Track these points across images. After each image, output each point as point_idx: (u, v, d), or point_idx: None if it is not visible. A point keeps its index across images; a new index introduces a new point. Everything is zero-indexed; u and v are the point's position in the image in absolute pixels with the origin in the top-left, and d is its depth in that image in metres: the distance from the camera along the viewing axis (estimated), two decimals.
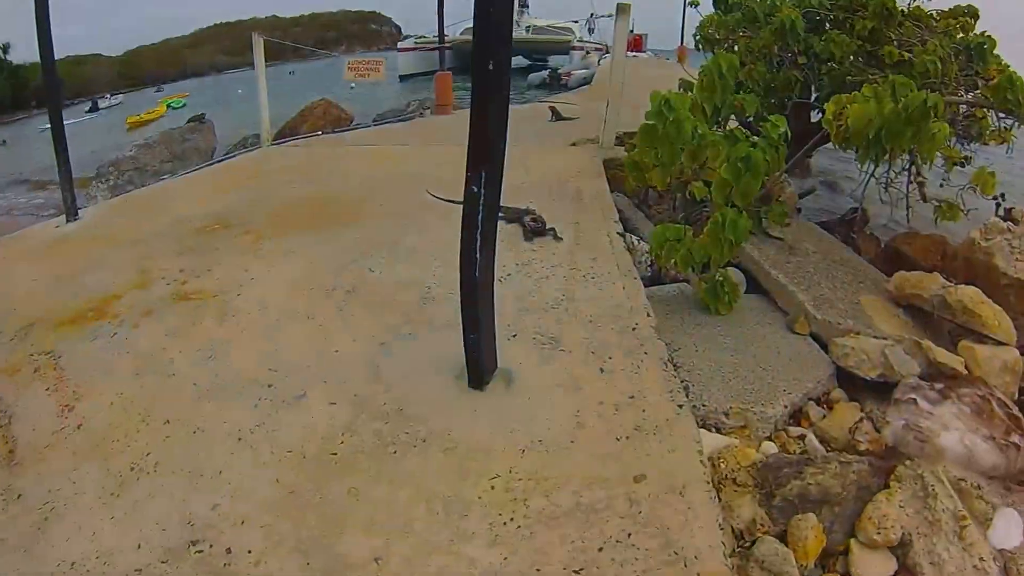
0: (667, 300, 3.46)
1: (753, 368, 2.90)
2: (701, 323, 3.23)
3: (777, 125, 3.65)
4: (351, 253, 3.81)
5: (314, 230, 4.26)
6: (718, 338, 3.11)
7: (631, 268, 3.39)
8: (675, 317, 3.29)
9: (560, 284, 3.23)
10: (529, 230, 3.74)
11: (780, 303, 3.42)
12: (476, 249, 2.17)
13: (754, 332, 3.20)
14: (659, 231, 3.24)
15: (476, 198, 2.10)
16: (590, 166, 5.09)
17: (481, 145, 2.07)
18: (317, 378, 2.67)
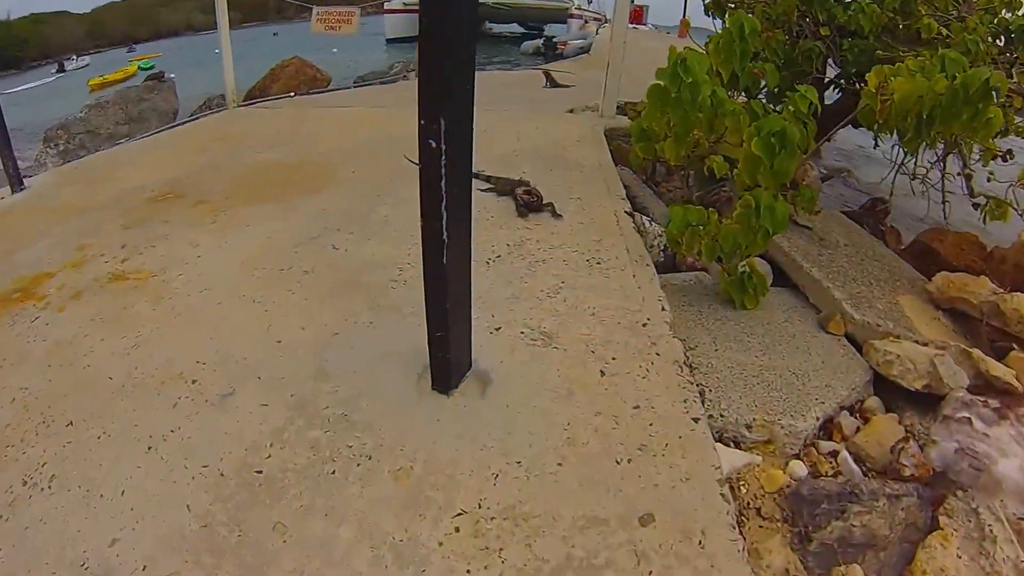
0: (683, 290, 3.10)
1: (781, 372, 2.57)
2: (722, 318, 2.88)
3: (806, 97, 3.30)
4: (315, 227, 3.43)
5: (276, 201, 3.88)
6: (741, 336, 2.77)
7: (643, 252, 3.02)
8: (692, 310, 2.93)
9: (558, 269, 2.85)
10: (522, 205, 3.35)
11: (812, 299, 3.09)
12: (443, 227, 1.78)
13: (782, 330, 2.86)
14: (678, 213, 2.85)
15: (436, 156, 1.69)
16: (590, 135, 4.68)
17: (436, 80, 1.63)
18: (251, 373, 2.31)
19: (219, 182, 4.33)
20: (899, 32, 4.44)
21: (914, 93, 2.97)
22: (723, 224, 2.83)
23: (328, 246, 3.20)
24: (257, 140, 5.43)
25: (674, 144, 3.40)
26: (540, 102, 6.24)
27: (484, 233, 3.14)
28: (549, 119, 5.12)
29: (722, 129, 3.47)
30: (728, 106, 3.37)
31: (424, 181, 1.73)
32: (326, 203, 3.75)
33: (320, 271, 2.97)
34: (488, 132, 4.79)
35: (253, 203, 3.88)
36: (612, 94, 5.05)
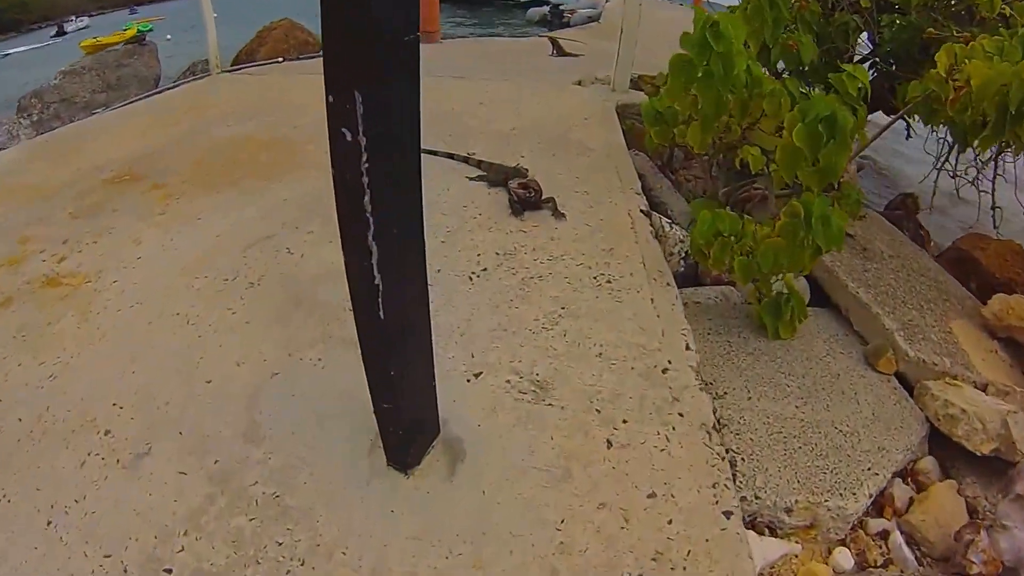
0: (707, 311, 2.56)
1: (826, 430, 2.08)
2: (755, 352, 2.37)
3: (855, 77, 2.70)
4: (272, 223, 2.89)
5: (236, 187, 3.33)
6: (778, 377, 2.25)
7: (662, 266, 2.46)
8: (719, 340, 2.40)
9: (558, 289, 2.30)
10: (517, 201, 2.78)
11: (857, 325, 2.59)
12: (373, 267, 1.24)
13: (823, 368, 2.35)
14: (705, 219, 2.29)
15: (354, 155, 1.13)
16: (600, 112, 4.07)
17: (352, 35, 1.06)
18: (172, 424, 1.84)
19: (181, 161, 3.80)
20: (944, 9, 3.81)
21: (996, 80, 2.39)
22: (761, 235, 2.26)
23: (283, 249, 2.66)
24: (232, 111, 4.88)
25: (699, 129, 2.81)
26: (545, 72, 5.60)
27: (468, 237, 2.59)
28: (554, 92, 4.51)
29: (758, 113, 2.88)
30: (767, 85, 2.78)
31: (340, 197, 1.18)
32: (289, 190, 3.20)
33: (269, 283, 2.43)
34: (484, 105, 4.20)
35: (211, 189, 3.35)
36: (625, 65, 4.42)
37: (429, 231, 2.43)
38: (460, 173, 3.16)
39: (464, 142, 3.55)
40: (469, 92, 4.45)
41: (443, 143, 3.54)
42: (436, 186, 3.00)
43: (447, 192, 2.96)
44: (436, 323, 2.10)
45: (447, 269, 2.37)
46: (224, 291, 2.41)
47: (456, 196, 2.92)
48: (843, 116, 2.30)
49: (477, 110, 4.07)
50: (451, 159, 3.32)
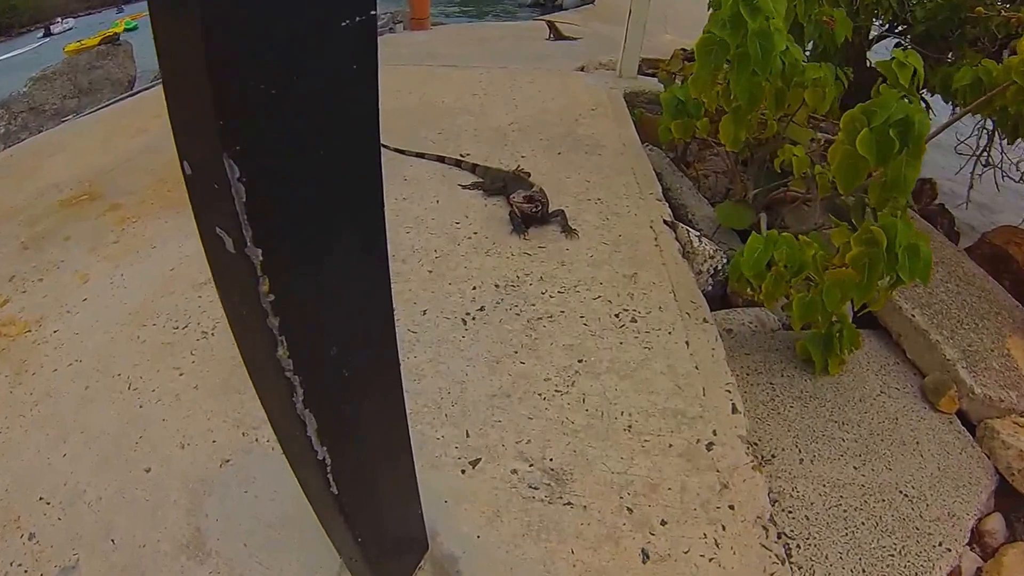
0: (743, 341, 2.14)
1: (890, 496, 1.74)
2: (803, 395, 1.98)
3: (906, 64, 2.27)
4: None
5: None
6: (831, 428, 1.90)
7: (696, 297, 2.02)
8: (761, 382, 2.00)
9: (573, 334, 1.86)
10: (519, 216, 2.34)
11: (911, 353, 2.22)
12: (310, 442, 0.79)
13: (880, 410, 1.99)
14: (755, 247, 1.84)
15: (242, 271, 0.64)
16: (608, 102, 3.61)
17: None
18: (103, 531, 1.46)
19: (143, 176, 3.37)
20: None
21: None
22: (820, 261, 1.82)
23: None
24: None
25: (732, 124, 2.37)
26: (543, 57, 5.11)
27: (461, 264, 2.16)
28: (555, 80, 4.03)
29: (796, 103, 2.44)
30: (810, 72, 2.34)
31: (238, 339, 0.74)
32: None
33: (223, 333, 2.01)
34: (478, 97, 3.74)
35: (170, 208, 2.92)
36: (634, 49, 3.95)
37: (414, 257, 2.01)
38: (451, 180, 2.72)
39: (456, 141, 3.10)
40: (461, 82, 3.99)
41: (432, 143, 3.09)
42: (423, 198, 2.57)
43: (436, 205, 2.52)
44: (421, 388, 1.70)
45: (435, 310, 1.95)
46: (173, 344, 2.00)
47: (446, 210, 2.48)
48: (920, 120, 1.85)
49: (470, 103, 3.61)
50: (441, 162, 2.87)
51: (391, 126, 3.36)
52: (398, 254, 2.21)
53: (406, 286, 2.06)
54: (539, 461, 1.48)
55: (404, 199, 2.56)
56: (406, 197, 2.57)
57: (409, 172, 2.79)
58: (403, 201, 2.55)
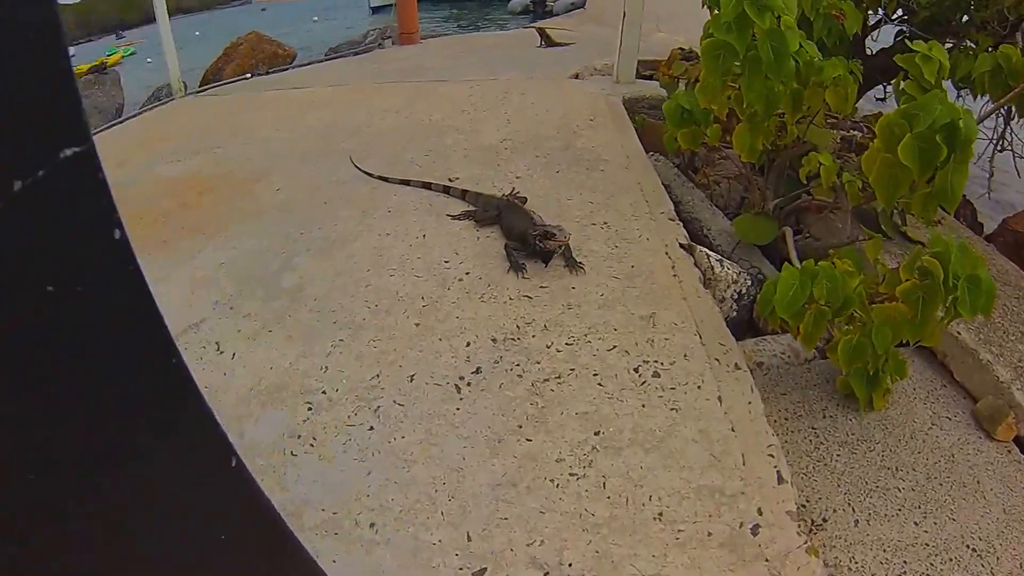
0: (778, 379, 1.86)
1: (958, 553, 1.49)
2: (849, 439, 1.72)
3: (931, 58, 1.99)
4: (203, 300, 2.18)
5: (169, 245, 2.62)
6: (885, 478, 1.64)
7: (725, 337, 1.71)
8: (802, 427, 1.73)
9: (587, 398, 1.54)
10: (514, 256, 2.03)
11: (959, 375, 1.95)
12: None
13: (934, 447, 1.74)
14: (789, 282, 1.53)
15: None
16: (606, 110, 3.30)
17: None
18: None
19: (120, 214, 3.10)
20: None
21: None
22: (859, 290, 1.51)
23: (211, 345, 1.94)
24: (184, 142, 4.16)
25: (747, 133, 2.07)
26: (535, 65, 4.81)
27: (452, 313, 1.85)
28: (549, 90, 3.73)
29: (816, 105, 2.14)
30: (828, 70, 2.05)
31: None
32: (228, 249, 2.47)
33: None
34: (468, 112, 3.43)
35: (142, 251, 2.52)
36: (630, 52, 3.64)
37: (398, 307, 1.73)
38: (439, 209, 2.42)
39: (444, 163, 2.80)
40: (449, 97, 3.69)
41: (418, 167, 2.79)
42: (408, 233, 2.27)
43: (422, 241, 2.21)
44: (411, 478, 1.39)
45: (424, 374, 1.65)
46: None
47: (434, 246, 2.18)
48: (967, 123, 1.56)
49: (459, 120, 3.31)
50: (428, 189, 2.57)
51: (374, 150, 3.07)
52: (380, 304, 1.92)
53: (390, 344, 1.76)
54: (556, 568, 1.17)
55: (387, 235, 2.26)
56: (389, 233, 2.27)
57: (393, 202, 2.49)
58: (386, 238, 2.25)
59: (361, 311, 1.91)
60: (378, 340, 1.79)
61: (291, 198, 2.78)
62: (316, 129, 3.70)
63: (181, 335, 2.04)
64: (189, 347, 1.98)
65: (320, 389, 1.71)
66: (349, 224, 2.40)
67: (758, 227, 2.31)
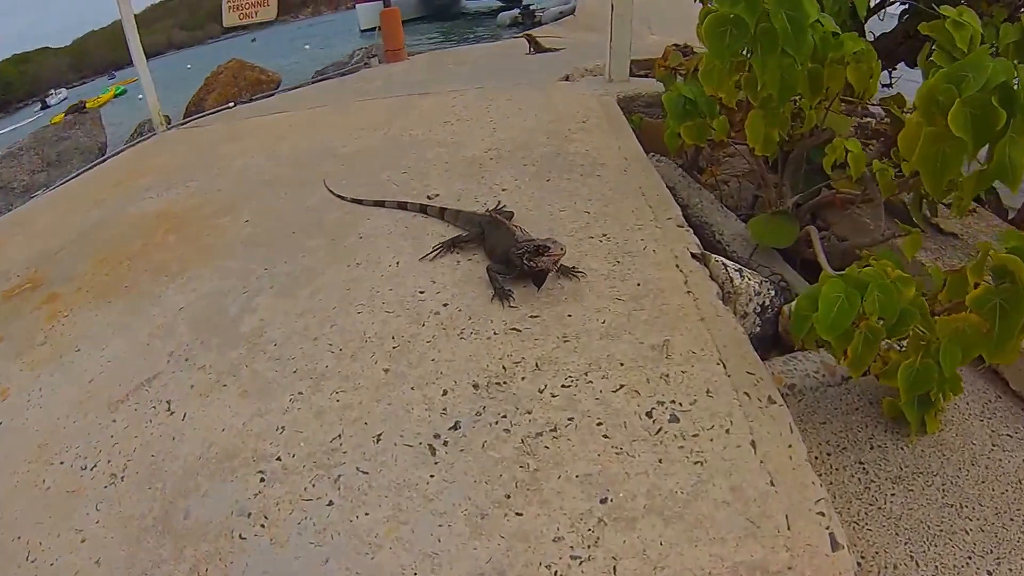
0: (814, 404, 1.60)
1: None
2: (903, 474, 1.47)
3: (963, 23, 1.72)
4: (158, 351, 1.97)
5: (132, 289, 2.40)
6: (948, 518, 1.39)
7: (753, 365, 1.41)
8: (847, 462, 1.51)
9: (590, 456, 1.25)
10: (498, 282, 1.75)
11: (1012, 380, 1.71)
12: None
13: (999, 474, 1.50)
14: (833, 296, 1.24)
15: None
16: (600, 111, 3.03)
17: None
18: None
19: (85, 258, 2.90)
20: None
21: None
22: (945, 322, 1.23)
23: (162, 404, 1.70)
24: (160, 178, 3.97)
25: (761, 121, 1.80)
26: (523, 72, 4.56)
27: (428, 354, 1.57)
28: (537, 94, 3.47)
29: (837, 86, 1.87)
30: (849, 44, 1.79)
31: None
32: (188, 292, 2.25)
33: (132, 478, 1.51)
34: (450, 124, 3.18)
35: (104, 296, 2.43)
36: (622, 49, 3.38)
37: (365, 350, 1.48)
38: (415, 231, 2.16)
39: (423, 180, 2.54)
40: (432, 111, 3.44)
41: (395, 186, 2.54)
42: (380, 261, 2.00)
43: (395, 270, 1.95)
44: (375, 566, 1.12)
45: (394, 433, 1.37)
46: (76, 494, 1.51)
47: (408, 275, 1.91)
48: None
49: (441, 132, 3.06)
50: (403, 210, 2.31)
51: (350, 171, 2.82)
52: (346, 347, 1.65)
53: (355, 396, 1.49)
54: None
55: (357, 265, 1.99)
56: (359, 262, 2.01)
57: (366, 227, 2.23)
58: (356, 268, 1.98)
59: (324, 357, 1.64)
60: (342, 392, 1.52)
61: (258, 231, 2.54)
62: (291, 154, 3.47)
63: (133, 393, 1.83)
64: (139, 407, 1.77)
65: (275, 455, 1.44)
66: (317, 256, 2.14)
67: (776, 228, 2.03)
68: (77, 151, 7.02)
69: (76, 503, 1.48)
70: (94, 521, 1.43)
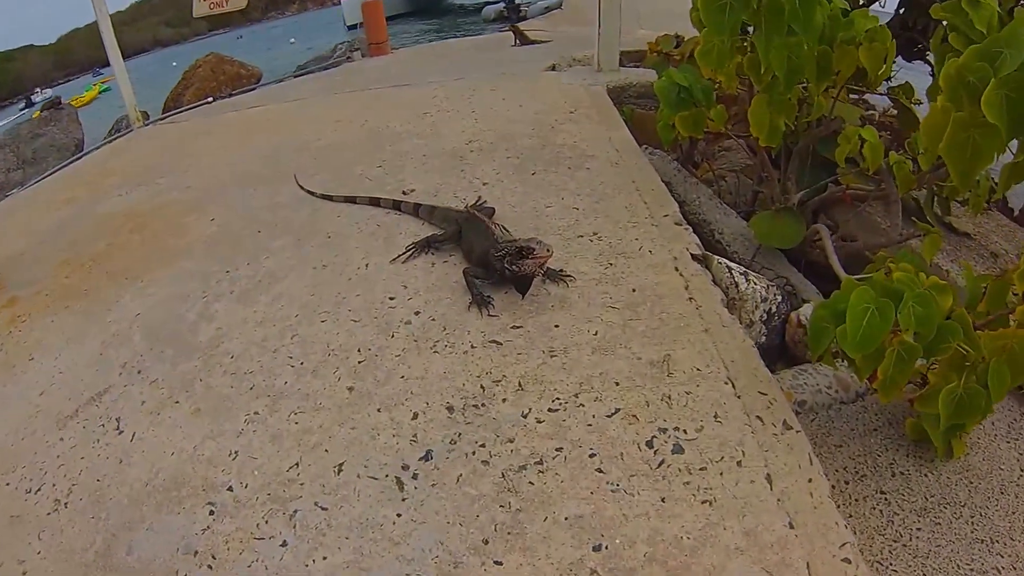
0: (828, 424, 1.47)
1: None
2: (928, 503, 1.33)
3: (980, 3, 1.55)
4: (110, 362, 1.78)
5: (90, 294, 2.22)
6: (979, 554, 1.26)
7: (765, 384, 1.23)
8: (868, 491, 1.37)
9: (581, 490, 1.08)
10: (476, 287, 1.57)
11: None
12: None
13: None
14: (860, 308, 1.08)
15: None
16: (588, 101, 2.85)
17: None
18: None
19: (48, 260, 2.72)
20: None
21: None
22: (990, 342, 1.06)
23: (111, 422, 1.53)
24: (131, 175, 3.77)
25: (765, 108, 1.63)
26: (508, 63, 4.38)
27: (397, 371, 1.40)
28: (522, 84, 3.29)
29: (848, 69, 1.70)
30: (860, 22, 1.62)
31: None
32: (145, 297, 2.07)
33: (76, 506, 1.35)
34: (430, 115, 2.99)
35: (63, 301, 2.25)
36: (612, 36, 3.20)
37: (328, 365, 1.30)
38: (388, 231, 1.98)
39: (398, 175, 2.36)
40: (411, 103, 3.25)
41: (368, 180, 2.35)
42: (349, 263, 1.82)
43: (363, 273, 1.76)
44: None
45: (357, 463, 1.19)
46: (20, 519, 1.34)
47: (377, 278, 1.73)
48: None
49: (420, 124, 2.87)
50: (376, 207, 2.13)
51: (323, 165, 2.63)
52: (307, 361, 1.47)
53: (315, 419, 1.31)
54: None
55: (323, 267, 1.81)
56: (326, 264, 1.82)
57: (335, 225, 2.05)
58: (322, 271, 1.80)
59: (283, 372, 1.46)
60: (301, 413, 1.34)
61: (223, 230, 2.35)
62: (263, 149, 3.28)
63: (83, 408, 1.65)
64: (88, 425, 1.59)
65: (226, 484, 1.26)
66: (281, 257, 1.95)
67: (781, 227, 1.86)
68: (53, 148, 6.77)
69: (19, 530, 1.31)
70: (36, 552, 1.26)
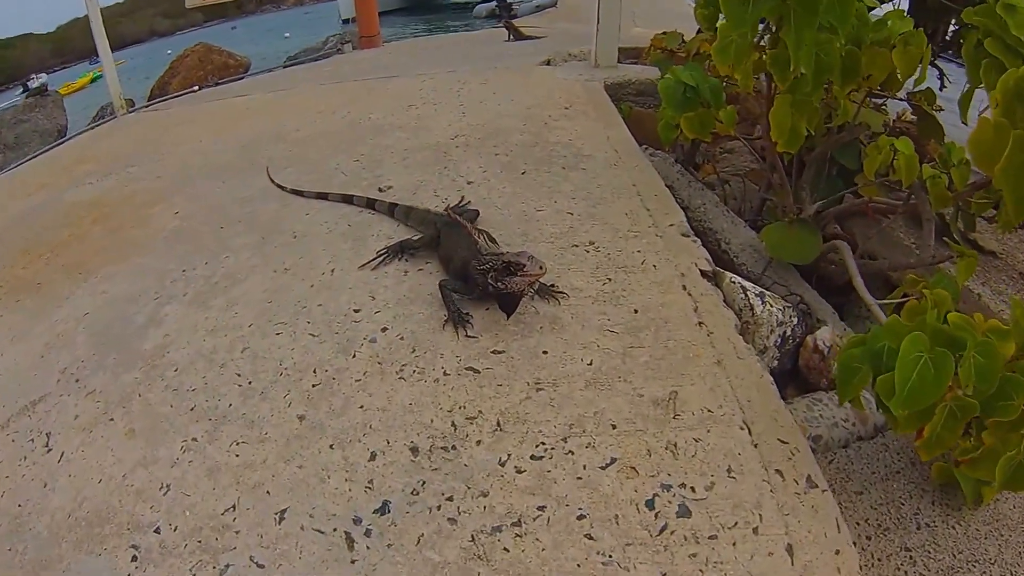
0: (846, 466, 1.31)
1: None
2: (956, 560, 1.15)
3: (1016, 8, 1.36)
4: (50, 366, 1.59)
5: (41, 289, 2.02)
6: None
7: (786, 431, 1.03)
8: (890, 545, 1.23)
9: (568, 564, 0.87)
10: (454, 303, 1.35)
11: None
12: None
13: None
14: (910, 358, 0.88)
15: None
16: (585, 97, 2.64)
17: None
18: None
19: (11, 249, 2.52)
20: None
21: None
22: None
23: (40, 438, 1.34)
24: (105, 163, 3.56)
25: (788, 109, 1.43)
26: (501, 57, 4.16)
27: (355, 402, 1.19)
28: (514, 78, 3.08)
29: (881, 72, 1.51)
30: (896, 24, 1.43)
31: None
32: (99, 295, 1.86)
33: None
34: (415, 108, 2.78)
35: (15, 295, 2.06)
36: (611, 30, 3.00)
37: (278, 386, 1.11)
38: (359, 231, 1.77)
39: (376, 170, 2.15)
40: (397, 94, 3.04)
41: (343, 175, 2.14)
42: (313, 266, 1.61)
43: (328, 279, 1.55)
44: None
45: (301, 509, 0.99)
46: None
47: (343, 286, 1.52)
48: None
49: (404, 117, 2.66)
50: (349, 204, 1.92)
51: (298, 157, 2.42)
52: (256, 380, 1.26)
53: (259, 452, 1.10)
54: None
55: (285, 271, 1.60)
56: (288, 267, 1.61)
57: (303, 223, 1.84)
58: (284, 275, 1.59)
59: (228, 392, 1.25)
60: (243, 443, 1.13)
61: (187, 224, 2.13)
62: (242, 138, 3.06)
63: (15, 418, 1.45)
64: (18, 438, 1.39)
65: (154, 524, 1.06)
66: (241, 257, 1.74)
67: (796, 240, 1.67)
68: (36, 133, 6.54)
69: None
70: None
